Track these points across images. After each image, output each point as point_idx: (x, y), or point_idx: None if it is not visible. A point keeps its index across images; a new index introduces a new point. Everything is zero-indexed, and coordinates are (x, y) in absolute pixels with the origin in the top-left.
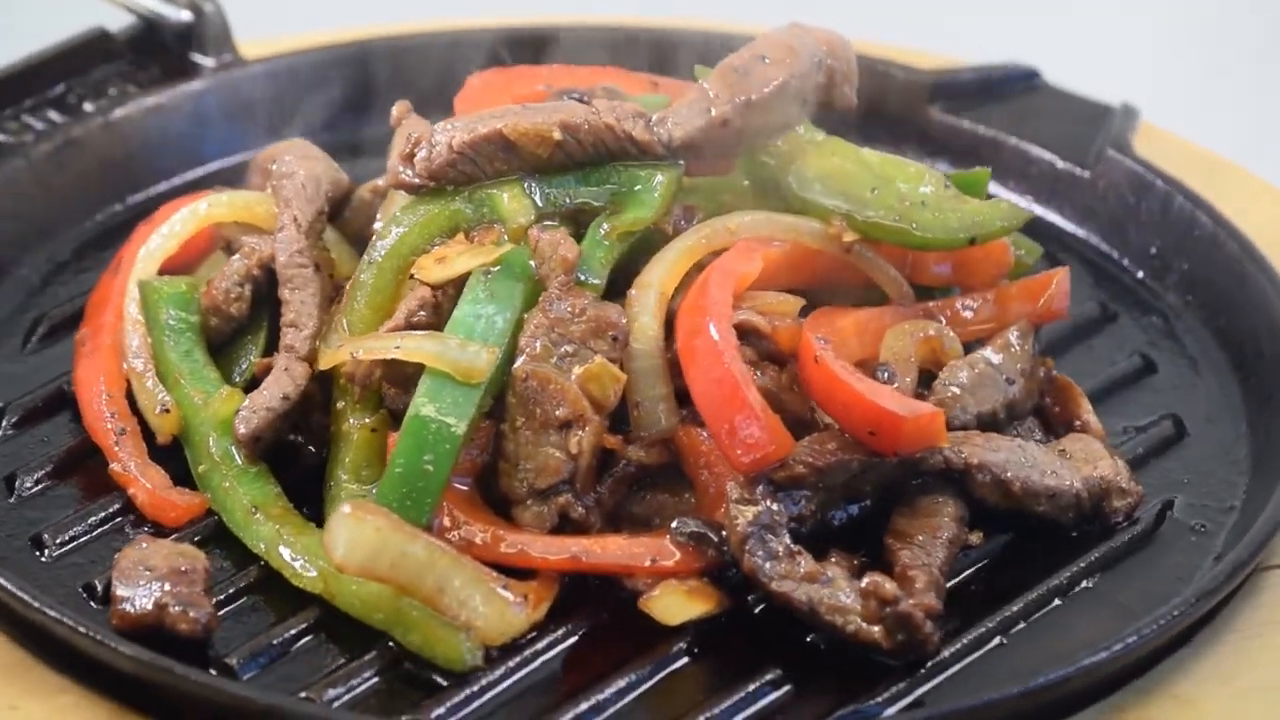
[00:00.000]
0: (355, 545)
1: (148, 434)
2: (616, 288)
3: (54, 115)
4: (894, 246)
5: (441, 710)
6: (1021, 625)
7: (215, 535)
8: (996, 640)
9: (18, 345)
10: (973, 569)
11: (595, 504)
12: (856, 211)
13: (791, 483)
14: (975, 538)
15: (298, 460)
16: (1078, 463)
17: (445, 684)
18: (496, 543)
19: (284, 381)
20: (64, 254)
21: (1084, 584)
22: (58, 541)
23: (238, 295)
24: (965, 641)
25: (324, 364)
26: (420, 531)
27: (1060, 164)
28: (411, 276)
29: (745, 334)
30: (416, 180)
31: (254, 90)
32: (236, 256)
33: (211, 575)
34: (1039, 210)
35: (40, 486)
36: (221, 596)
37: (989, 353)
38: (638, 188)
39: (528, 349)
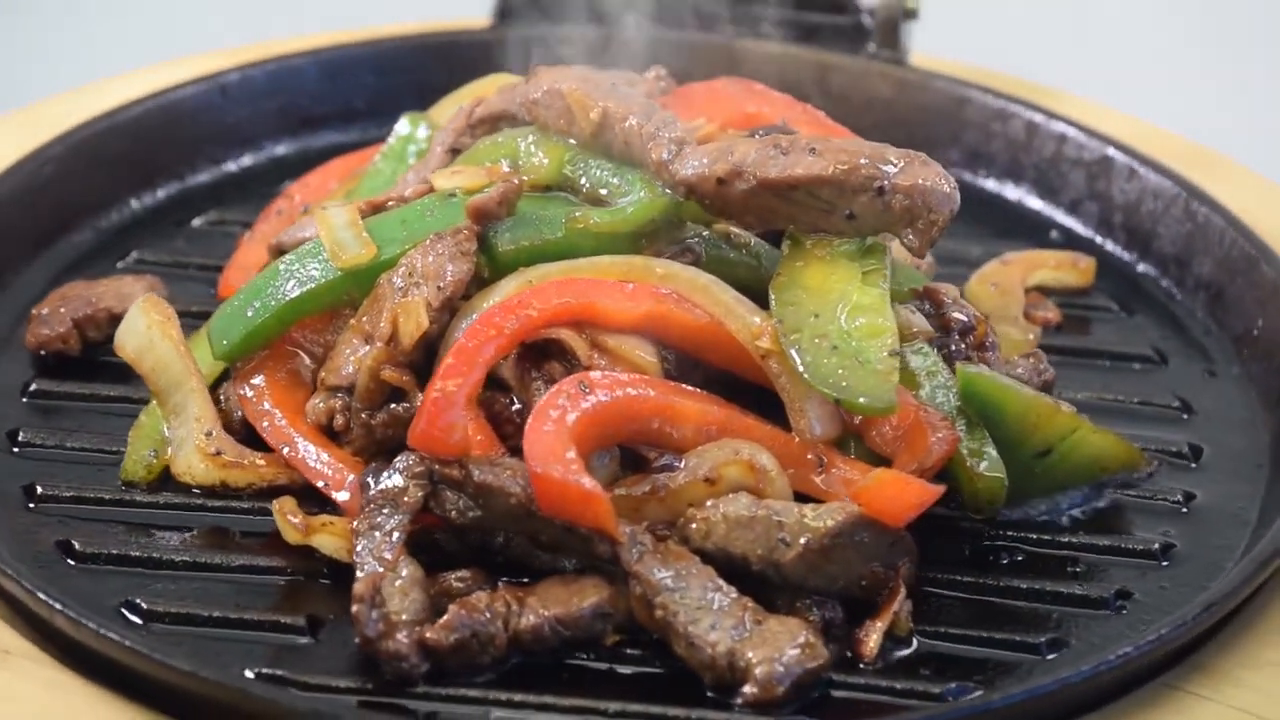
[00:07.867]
0: (129, 334)
1: None
2: None
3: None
4: None
5: (60, 490)
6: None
7: None
8: (490, 711)
9: None
10: (603, 662)
11: (362, 426)
12: (782, 326)
13: (446, 480)
14: (610, 639)
15: None
16: (753, 637)
17: (107, 484)
18: (252, 407)
19: None
20: None
21: None
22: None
23: None
24: (451, 693)
25: None
26: (188, 354)
27: None
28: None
29: (568, 354)
30: (522, 111)
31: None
32: None
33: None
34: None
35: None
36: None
37: (783, 508)
38: (623, 198)
39: (400, 265)
